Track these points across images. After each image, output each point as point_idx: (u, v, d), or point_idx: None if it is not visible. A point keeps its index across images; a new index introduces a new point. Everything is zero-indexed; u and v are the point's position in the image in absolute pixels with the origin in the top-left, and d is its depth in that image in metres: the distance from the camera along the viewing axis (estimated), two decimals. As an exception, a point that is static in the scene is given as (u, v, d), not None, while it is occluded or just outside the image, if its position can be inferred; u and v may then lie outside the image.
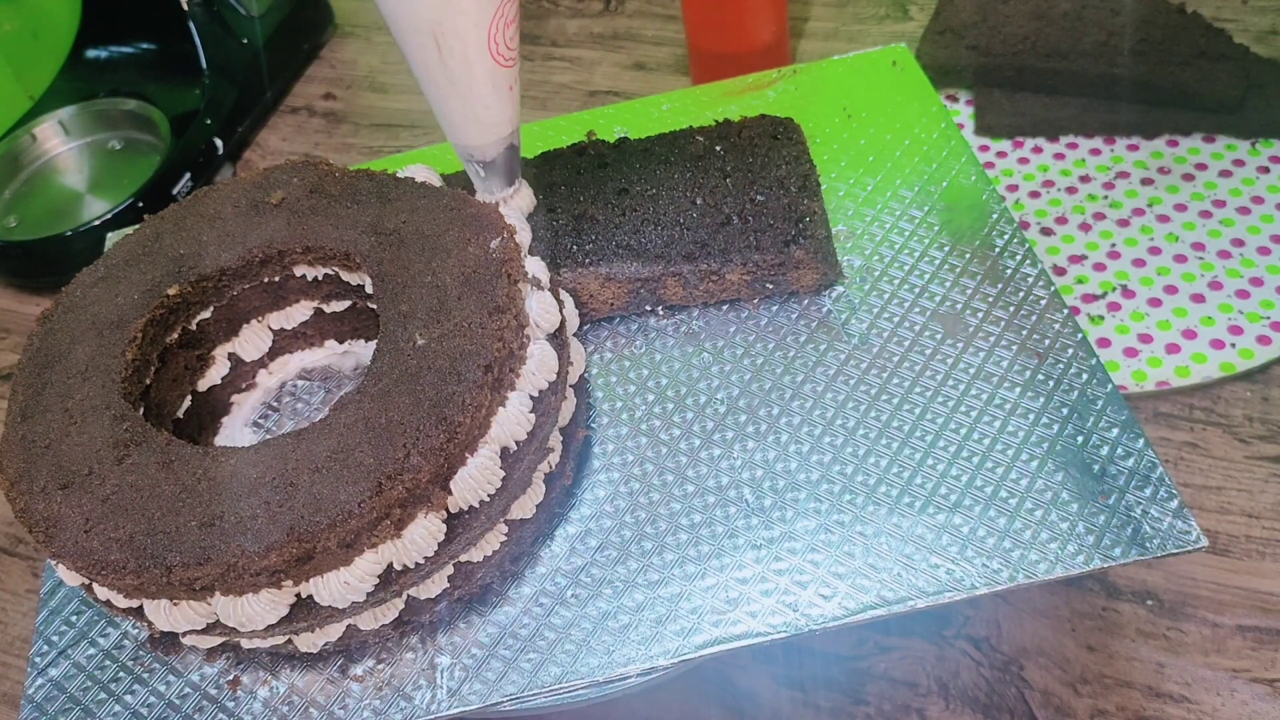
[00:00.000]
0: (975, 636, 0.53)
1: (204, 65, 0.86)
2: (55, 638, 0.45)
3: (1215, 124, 0.73)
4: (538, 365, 0.41)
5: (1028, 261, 0.51)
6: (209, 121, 0.85)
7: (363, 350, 0.52)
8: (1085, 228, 0.69)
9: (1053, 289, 0.50)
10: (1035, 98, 0.78)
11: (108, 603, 0.39)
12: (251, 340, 0.50)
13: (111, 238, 0.61)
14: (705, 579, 0.42)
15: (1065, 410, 0.45)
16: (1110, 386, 0.46)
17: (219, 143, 0.85)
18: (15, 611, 0.63)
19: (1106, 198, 0.71)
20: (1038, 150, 0.75)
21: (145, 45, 0.89)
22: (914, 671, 0.52)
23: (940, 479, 0.44)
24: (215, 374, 0.49)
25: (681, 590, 0.42)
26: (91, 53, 0.91)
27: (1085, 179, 0.72)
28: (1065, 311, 0.49)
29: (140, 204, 0.78)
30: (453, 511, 0.39)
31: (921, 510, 0.43)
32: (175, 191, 0.80)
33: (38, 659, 0.44)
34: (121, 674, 0.44)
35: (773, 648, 0.41)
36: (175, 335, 0.46)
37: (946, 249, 0.52)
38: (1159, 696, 0.51)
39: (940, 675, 0.52)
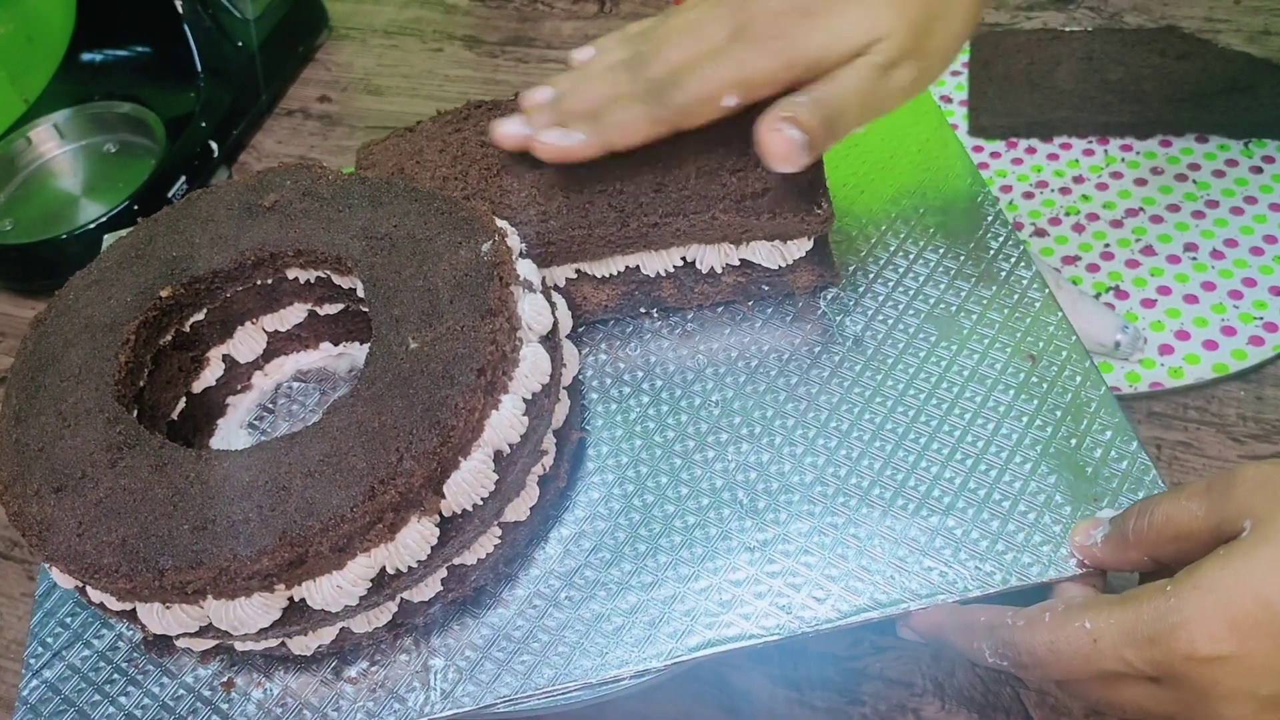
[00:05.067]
0: (970, 637, 0.53)
1: (199, 68, 0.86)
2: (50, 640, 0.45)
3: (1208, 124, 0.73)
4: (530, 368, 0.41)
5: (1022, 263, 0.51)
6: (204, 124, 0.84)
7: (358, 352, 0.52)
8: (1079, 228, 0.69)
9: (1047, 291, 0.50)
10: (1029, 98, 0.78)
11: (101, 605, 0.39)
12: (245, 342, 0.50)
13: (108, 239, 0.61)
14: (699, 581, 0.42)
15: (1059, 413, 0.45)
16: (1104, 389, 0.46)
17: (214, 146, 0.85)
18: (10, 614, 0.63)
19: (1100, 198, 0.71)
20: (1031, 151, 0.75)
21: (140, 49, 0.89)
22: (910, 671, 0.52)
23: (934, 481, 0.44)
24: (210, 376, 0.49)
25: (675, 592, 0.42)
26: (86, 56, 0.90)
27: (1079, 179, 0.72)
28: (1060, 314, 0.49)
29: (136, 207, 0.78)
30: (446, 515, 0.39)
31: (915, 513, 0.43)
32: (171, 195, 0.80)
33: (32, 661, 0.45)
34: (116, 676, 0.44)
35: (768, 648, 0.41)
36: (169, 337, 0.46)
37: (941, 251, 0.52)
38: (1153, 697, 0.51)
39: (936, 675, 0.52)
